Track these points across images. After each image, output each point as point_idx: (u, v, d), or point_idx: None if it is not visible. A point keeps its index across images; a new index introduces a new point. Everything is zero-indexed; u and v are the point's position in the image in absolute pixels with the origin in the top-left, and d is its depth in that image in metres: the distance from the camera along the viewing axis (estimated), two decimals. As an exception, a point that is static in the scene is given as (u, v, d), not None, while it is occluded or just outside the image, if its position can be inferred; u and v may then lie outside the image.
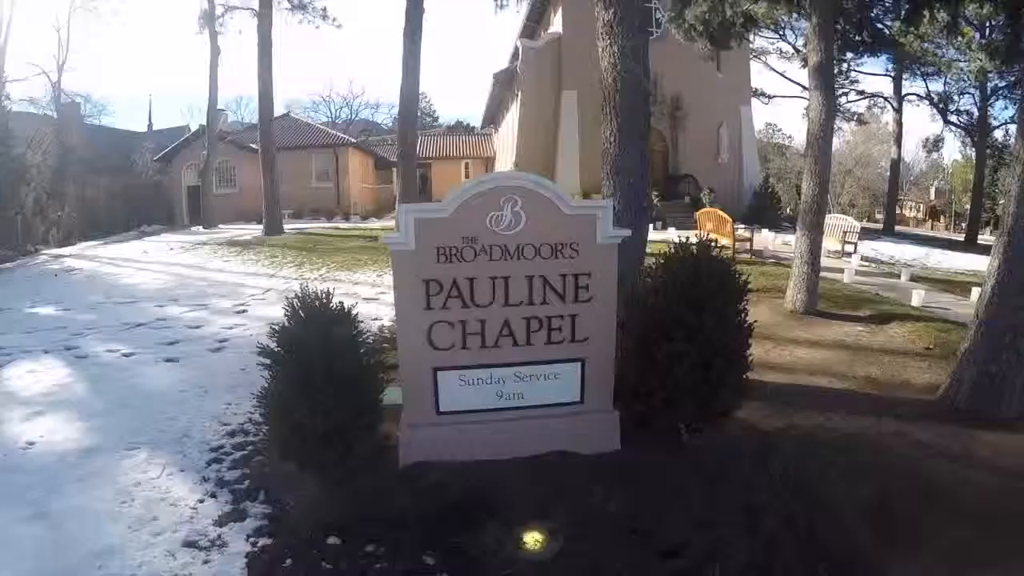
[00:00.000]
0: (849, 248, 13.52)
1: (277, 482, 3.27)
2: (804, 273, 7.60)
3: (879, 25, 9.58)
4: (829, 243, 13.97)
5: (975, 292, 9.46)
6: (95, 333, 6.61)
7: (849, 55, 19.86)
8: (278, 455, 3.15)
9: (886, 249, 17.10)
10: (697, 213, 14.22)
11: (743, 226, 14.25)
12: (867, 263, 12.91)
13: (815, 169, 7.45)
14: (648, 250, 12.44)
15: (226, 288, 8.89)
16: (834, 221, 14.84)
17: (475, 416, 3.16)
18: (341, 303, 3.11)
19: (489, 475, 3.20)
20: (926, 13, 8.31)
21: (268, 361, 2.94)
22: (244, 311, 7.34)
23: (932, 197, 49.96)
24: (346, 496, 3.01)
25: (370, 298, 7.86)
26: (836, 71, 24.96)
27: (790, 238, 16.96)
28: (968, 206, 43.24)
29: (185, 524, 2.96)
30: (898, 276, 11.41)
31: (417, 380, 3.06)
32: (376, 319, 6.76)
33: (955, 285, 11.10)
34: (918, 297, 8.73)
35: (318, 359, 2.72)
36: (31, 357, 5.81)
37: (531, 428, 3.24)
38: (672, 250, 3.27)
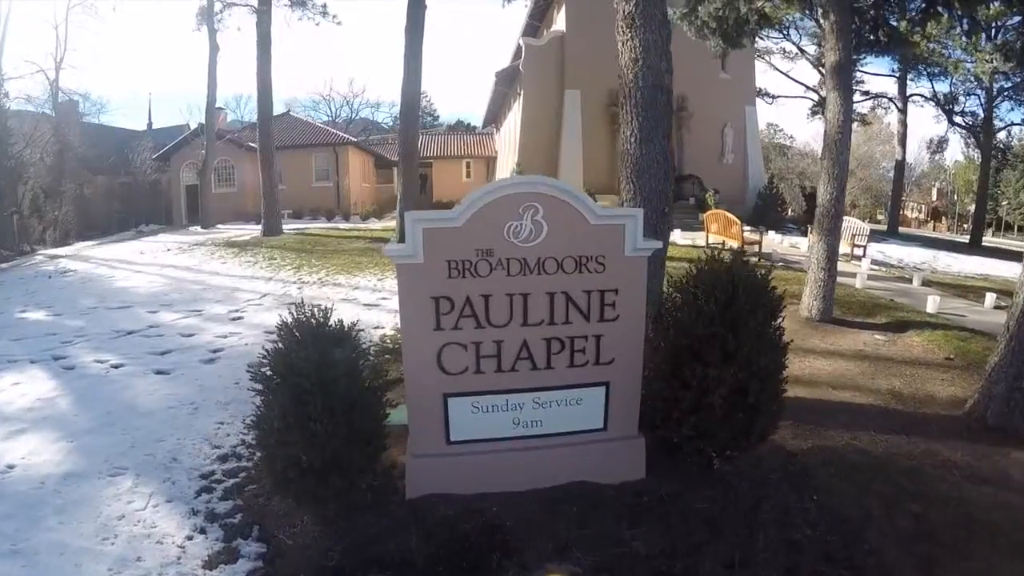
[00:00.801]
0: (858, 251, 13.26)
1: (272, 516, 2.99)
2: (821, 280, 7.35)
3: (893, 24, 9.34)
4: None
5: (989, 298, 9.31)
6: (85, 341, 6.33)
7: (860, 55, 19.61)
8: (272, 488, 2.88)
9: (893, 252, 16.88)
10: (704, 215, 13.95)
11: (749, 228, 13.99)
12: (877, 267, 12.68)
13: (833, 172, 7.18)
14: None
15: (222, 292, 8.60)
16: (843, 224, 14.55)
17: (489, 445, 2.89)
18: (340, 321, 2.84)
19: (504, 509, 2.93)
20: (943, 13, 8.06)
21: (259, 386, 2.68)
22: (240, 318, 7.05)
23: (934, 198, 49.84)
24: (348, 534, 2.74)
25: (371, 304, 7.56)
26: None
27: (797, 240, 16.72)
28: (971, 207, 43.23)
29: (171, 566, 2.68)
30: (909, 281, 11.21)
31: (425, 407, 2.78)
32: (378, 327, 6.47)
33: (967, 290, 10.91)
34: (933, 303, 8.53)
35: (314, 386, 2.45)
36: (17, 368, 5.55)
37: (550, 457, 2.97)
38: (704, 261, 3.00)
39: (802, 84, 27.93)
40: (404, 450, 3.10)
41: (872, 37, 8.34)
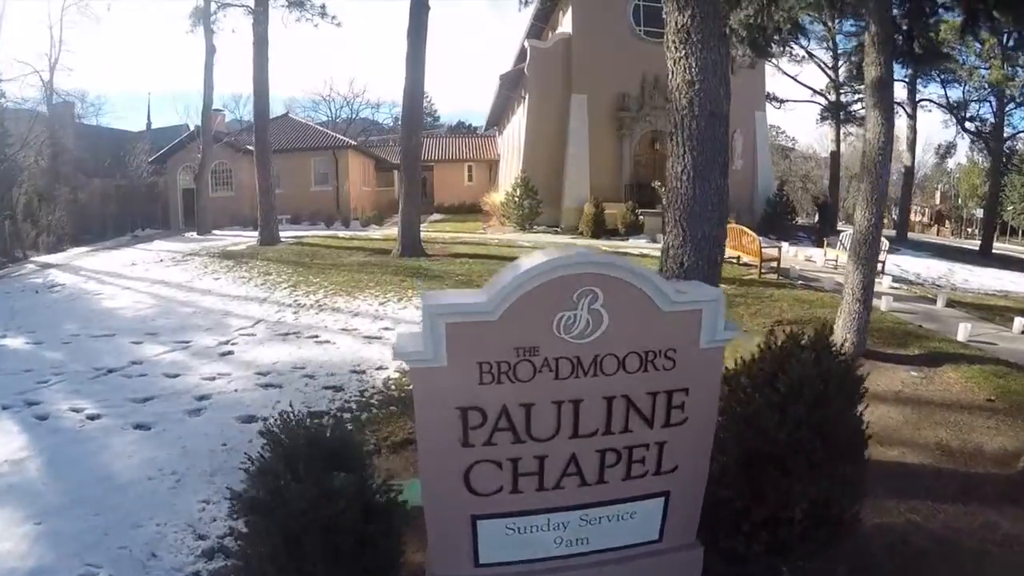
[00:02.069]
0: (877, 268, 12.78)
1: (263, 649, 2.50)
2: (855, 312, 6.88)
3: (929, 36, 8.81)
4: (856, 261, 13.23)
5: (1017, 323, 8.93)
6: (62, 382, 5.81)
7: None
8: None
9: (909, 265, 16.45)
10: (719, 229, 13.39)
11: (765, 241, 13.49)
12: (898, 285, 12.22)
13: (871, 197, 6.70)
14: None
15: (212, 318, 8.04)
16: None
17: (525, 567, 2.39)
18: (339, 434, 2.29)
19: (541, 641, 2.45)
20: (982, 27, 7.58)
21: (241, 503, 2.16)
22: (229, 353, 6.49)
23: (937, 201, 49.55)
24: None
25: (372, 336, 6.99)
26: (851, 76, 24.39)
27: (811, 252, 16.23)
28: (975, 212, 43.01)
29: None
30: (933, 301, 10.89)
31: (449, 529, 2.28)
32: (380, 367, 5.91)
33: (992, 311, 10.61)
34: (964, 331, 8.24)
35: (312, 523, 1.94)
36: (-13, 415, 5.05)
37: (594, 574, 2.47)
38: (783, 347, 2.50)
39: (810, 88, 27.55)
40: (422, 545, 2.61)
41: (906, 48, 7.81)
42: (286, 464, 2.00)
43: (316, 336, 6.87)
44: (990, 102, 24.20)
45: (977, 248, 24.96)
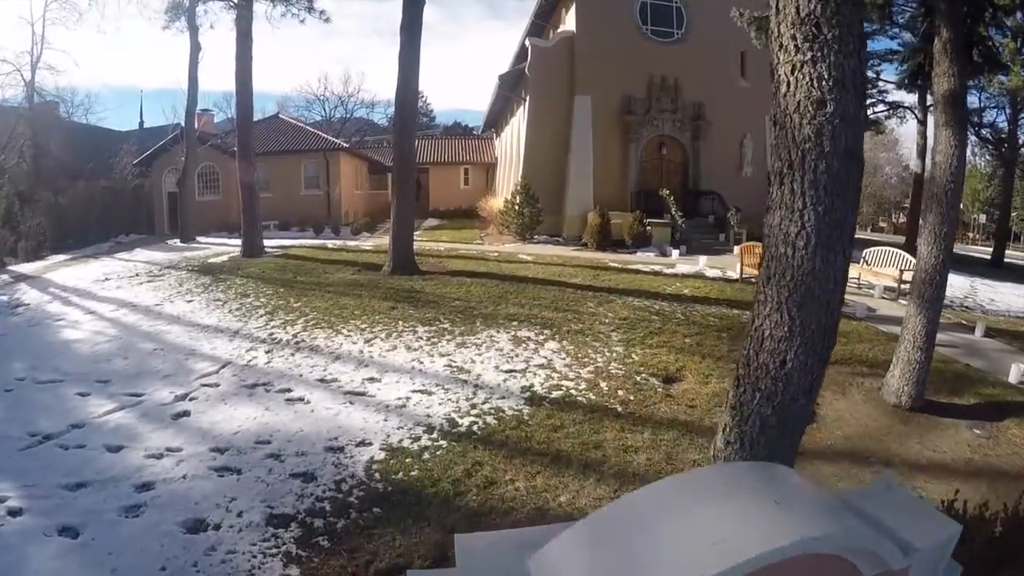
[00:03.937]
0: (905, 287, 11.92)
1: None
2: (916, 361, 6.02)
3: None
4: (883, 280, 12.39)
5: (1063, 356, 8.21)
6: (-14, 452, 4.86)
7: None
8: None
9: (930, 280, 15.60)
10: (739, 247, 12.56)
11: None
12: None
13: (940, 230, 5.80)
14: (686, 289, 10.67)
15: (173, 359, 6.98)
16: (888, 255, 13.30)
17: None
18: None
19: None
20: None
21: None
22: (185, 413, 5.48)
23: (938, 205, 48.85)
24: None
25: (354, 392, 5.92)
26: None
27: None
28: (975, 217, 42.26)
29: None
30: (970, 328, 10.24)
31: None
32: (362, 443, 4.84)
33: None
34: (1016, 372, 7.64)
35: None
36: None
37: None
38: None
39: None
40: None
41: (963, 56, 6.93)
42: None
43: (288, 390, 5.87)
44: (1004, 109, 23.45)
45: (988, 258, 24.40)
